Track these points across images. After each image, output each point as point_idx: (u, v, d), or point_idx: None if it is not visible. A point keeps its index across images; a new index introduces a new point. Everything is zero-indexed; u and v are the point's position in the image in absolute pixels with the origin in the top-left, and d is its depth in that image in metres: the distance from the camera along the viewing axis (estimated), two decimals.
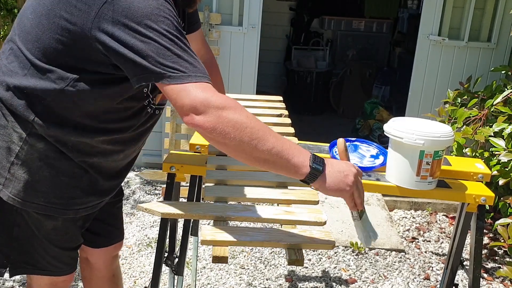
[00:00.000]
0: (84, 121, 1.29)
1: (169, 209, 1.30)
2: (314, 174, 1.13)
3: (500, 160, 2.71)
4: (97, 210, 1.49)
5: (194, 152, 1.72)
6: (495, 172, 2.73)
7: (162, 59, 1.10)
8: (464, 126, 3.04)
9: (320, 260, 2.95)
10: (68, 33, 1.18)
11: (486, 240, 3.27)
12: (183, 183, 1.79)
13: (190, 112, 1.09)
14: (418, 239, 3.30)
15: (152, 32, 1.11)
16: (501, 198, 2.81)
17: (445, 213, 3.68)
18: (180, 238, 1.68)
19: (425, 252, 3.15)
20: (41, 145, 1.29)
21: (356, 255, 3.02)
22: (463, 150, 2.98)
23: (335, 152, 1.68)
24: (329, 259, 2.97)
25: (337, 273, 2.84)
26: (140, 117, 1.38)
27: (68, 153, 1.31)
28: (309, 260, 2.95)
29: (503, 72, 3.50)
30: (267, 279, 2.74)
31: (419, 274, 2.89)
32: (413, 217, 3.59)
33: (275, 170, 1.15)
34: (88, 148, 1.33)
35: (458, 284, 1.89)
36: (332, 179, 1.15)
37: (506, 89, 3.15)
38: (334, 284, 2.74)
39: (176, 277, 1.83)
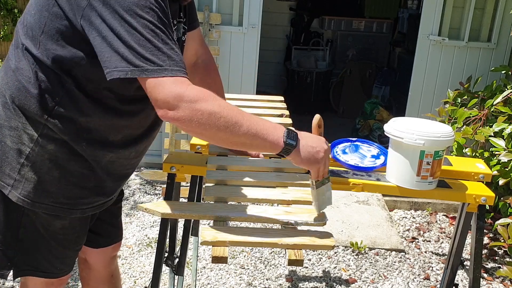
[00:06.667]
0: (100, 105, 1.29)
1: (169, 209, 1.30)
2: (288, 149, 1.20)
3: (500, 160, 2.71)
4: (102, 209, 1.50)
5: (195, 152, 1.72)
6: (495, 172, 2.73)
7: (142, 50, 1.11)
8: (464, 126, 3.04)
9: (320, 260, 2.95)
10: (64, 18, 1.19)
11: (486, 240, 3.27)
12: (183, 183, 1.79)
13: (164, 107, 1.12)
14: (418, 239, 3.30)
15: (138, 21, 1.11)
16: (501, 198, 2.82)
17: (445, 213, 3.68)
18: (181, 238, 1.68)
19: (425, 252, 3.15)
20: (51, 146, 1.29)
21: (356, 255, 3.02)
22: (463, 150, 2.98)
23: (336, 152, 1.69)
24: (329, 259, 2.97)
25: (337, 273, 2.84)
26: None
27: (82, 152, 1.31)
28: (309, 260, 2.94)
29: (503, 72, 3.50)
30: (267, 279, 2.74)
31: (419, 274, 2.89)
32: (413, 217, 3.59)
33: (252, 150, 1.24)
34: (103, 144, 1.33)
35: (458, 284, 1.89)
36: (304, 154, 1.22)
37: (506, 89, 3.15)
38: (334, 284, 2.74)
39: (176, 277, 1.83)
